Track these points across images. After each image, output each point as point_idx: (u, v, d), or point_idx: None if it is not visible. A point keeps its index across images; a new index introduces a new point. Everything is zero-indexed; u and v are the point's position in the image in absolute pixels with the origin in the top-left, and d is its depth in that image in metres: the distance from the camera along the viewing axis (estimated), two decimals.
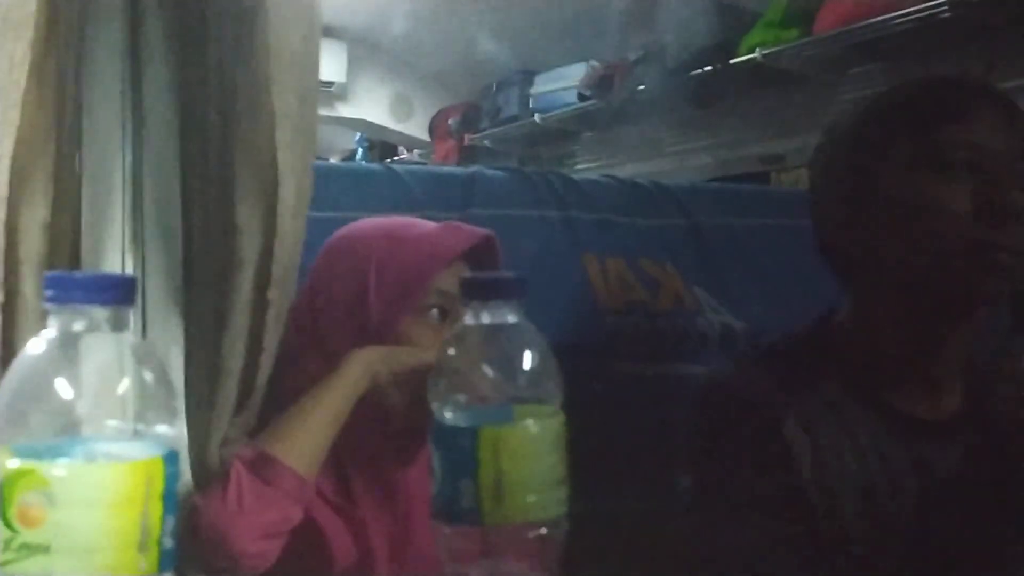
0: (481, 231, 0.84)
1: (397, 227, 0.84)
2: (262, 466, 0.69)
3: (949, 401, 0.80)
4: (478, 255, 0.84)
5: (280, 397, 0.77)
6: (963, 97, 0.78)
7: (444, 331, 0.80)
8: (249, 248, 0.71)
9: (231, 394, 0.73)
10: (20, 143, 0.65)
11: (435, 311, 0.80)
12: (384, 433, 0.80)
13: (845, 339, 0.82)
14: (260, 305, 0.72)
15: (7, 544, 0.44)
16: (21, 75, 0.64)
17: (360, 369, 0.74)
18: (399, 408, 0.77)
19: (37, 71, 0.65)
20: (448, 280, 0.81)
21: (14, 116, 0.64)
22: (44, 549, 0.44)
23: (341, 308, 0.78)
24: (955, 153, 0.76)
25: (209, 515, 0.67)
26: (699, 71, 2.23)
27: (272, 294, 0.72)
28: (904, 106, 0.81)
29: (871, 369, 0.80)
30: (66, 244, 0.72)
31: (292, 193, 0.71)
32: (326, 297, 0.80)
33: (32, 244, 0.67)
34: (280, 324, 0.74)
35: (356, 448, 0.80)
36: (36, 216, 0.67)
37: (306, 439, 0.71)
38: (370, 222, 0.86)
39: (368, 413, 0.78)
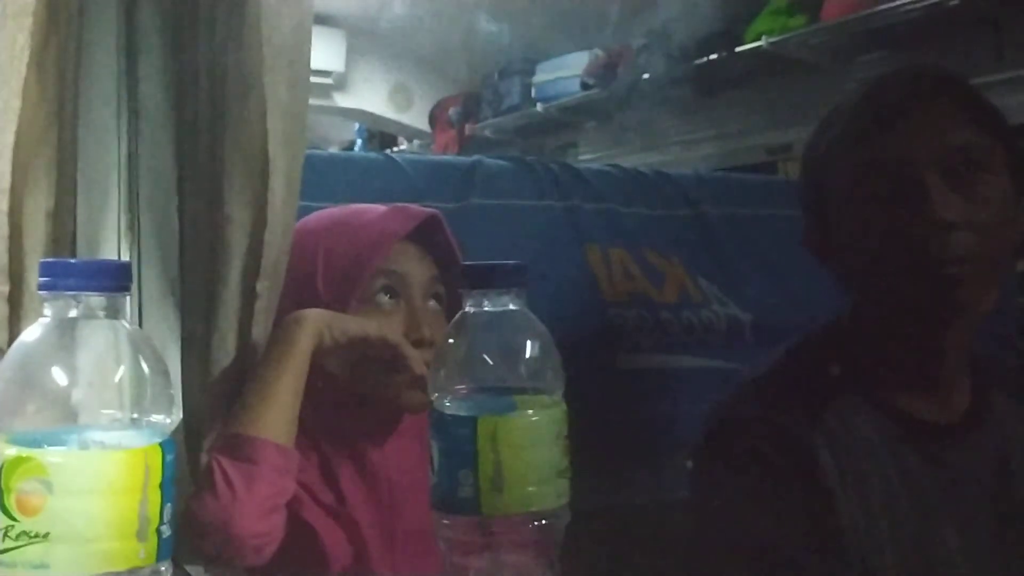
0: (424, 211, 0.84)
1: (344, 214, 0.84)
2: (242, 448, 0.68)
3: (959, 401, 0.79)
4: (429, 236, 0.83)
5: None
6: (892, 100, 0.74)
7: (396, 315, 0.80)
8: (239, 238, 0.71)
9: (223, 385, 0.73)
10: (22, 132, 0.65)
11: (385, 295, 0.80)
12: (355, 412, 0.80)
13: (851, 343, 0.80)
14: (249, 296, 0.72)
15: (6, 532, 0.44)
16: (21, 64, 0.64)
17: (308, 329, 0.73)
18: (337, 376, 0.77)
19: (37, 60, 0.65)
20: (396, 262, 0.81)
21: (15, 105, 0.64)
22: (43, 537, 0.44)
23: (292, 296, 0.77)
24: (883, 166, 0.73)
25: (206, 513, 0.67)
26: (704, 59, 2.22)
27: (261, 285, 0.72)
28: (848, 112, 0.78)
29: (878, 373, 0.78)
30: (69, 233, 0.72)
31: (282, 183, 0.71)
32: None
33: (37, 233, 0.67)
34: (270, 315, 0.74)
35: (334, 431, 0.80)
36: (40, 205, 0.67)
37: (276, 410, 0.71)
38: (320, 212, 0.86)
39: (340, 394, 0.78)
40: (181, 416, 0.74)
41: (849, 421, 0.75)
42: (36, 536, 0.43)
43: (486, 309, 0.55)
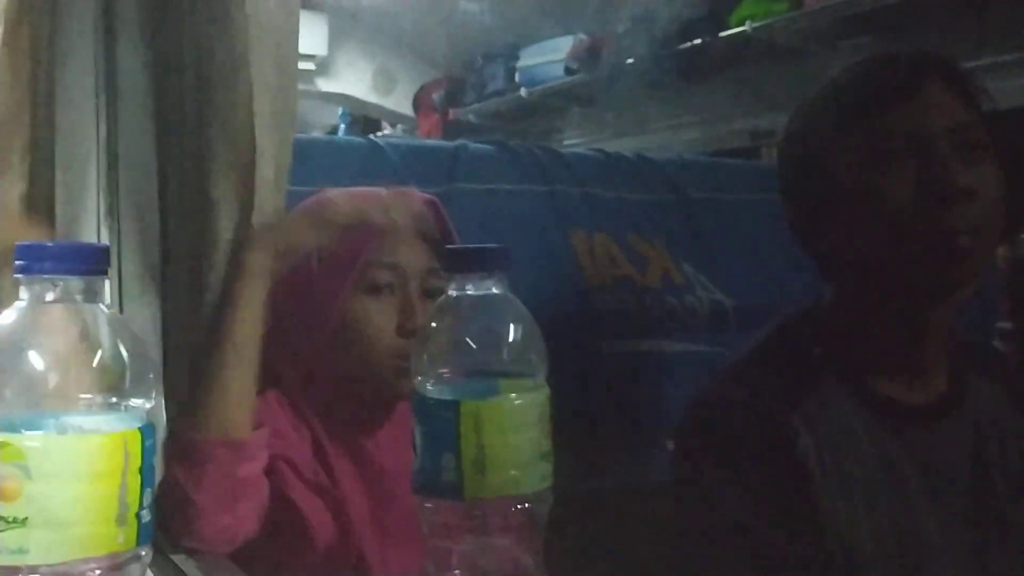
0: (424, 197, 0.82)
1: None
2: (188, 452, 0.67)
3: (936, 384, 0.80)
4: (426, 223, 0.81)
5: None
6: (902, 78, 0.75)
7: (392, 304, 0.79)
8: (226, 223, 0.70)
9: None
10: None
11: (381, 284, 0.79)
12: (350, 398, 0.80)
13: (831, 326, 0.80)
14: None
15: None
16: None
17: (257, 272, 0.69)
18: (338, 370, 0.76)
19: (10, 40, 0.64)
20: (394, 251, 0.79)
21: None
22: (21, 522, 0.43)
23: (286, 283, 0.76)
24: (896, 139, 0.73)
25: (168, 515, 0.65)
26: (688, 44, 2.21)
27: None
28: (846, 91, 0.78)
29: (858, 356, 0.78)
30: (44, 218, 0.71)
31: (271, 167, 0.70)
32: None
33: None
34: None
35: (327, 415, 0.79)
36: (15, 189, 0.66)
37: (221, 397, 0.68)
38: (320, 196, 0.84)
39: (335, 380, 0.78)
40: (162, 402, 0.73)
41: (829, 405, 0.76)
42: (14, 521, 0.43)
43: (469, 293, 0.55)
